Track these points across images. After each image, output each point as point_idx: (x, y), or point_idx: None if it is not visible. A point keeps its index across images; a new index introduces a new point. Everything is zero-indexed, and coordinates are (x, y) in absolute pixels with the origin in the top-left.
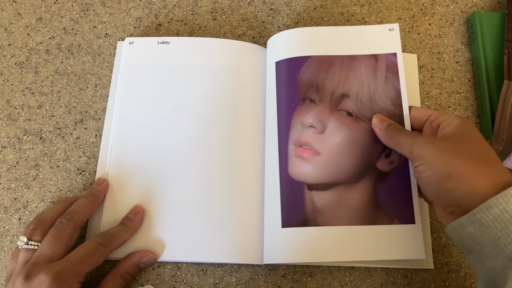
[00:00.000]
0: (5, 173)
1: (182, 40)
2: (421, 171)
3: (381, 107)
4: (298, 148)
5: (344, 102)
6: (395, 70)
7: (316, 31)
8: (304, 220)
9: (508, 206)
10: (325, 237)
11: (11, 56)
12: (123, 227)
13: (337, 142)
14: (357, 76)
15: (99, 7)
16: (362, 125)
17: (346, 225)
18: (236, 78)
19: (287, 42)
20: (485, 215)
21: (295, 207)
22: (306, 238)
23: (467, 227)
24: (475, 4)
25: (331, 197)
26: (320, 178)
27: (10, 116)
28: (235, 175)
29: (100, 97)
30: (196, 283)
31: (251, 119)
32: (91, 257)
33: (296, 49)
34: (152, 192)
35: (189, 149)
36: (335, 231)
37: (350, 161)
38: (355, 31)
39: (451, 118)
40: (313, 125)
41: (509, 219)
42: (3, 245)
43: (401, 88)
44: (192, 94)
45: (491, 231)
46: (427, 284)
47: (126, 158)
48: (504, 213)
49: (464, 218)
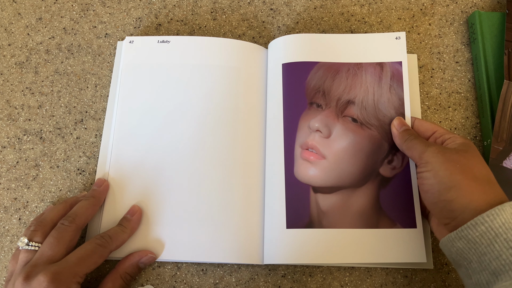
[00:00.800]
0: (5, 173)
1: (182, 39)
2: (425, 177)
3: (385, 115)
4: (305, 151)
5: (349, 108)
6: (399, 79)
7: (324, 38)
8: (309, 222)
9: (493, 224)
10: (329, 239)
11: (11, 56)
12: (121, 227)
13: (342, 147)
14: (362, 84)
15: (99, 7)
16: (366, 131)
17: (350, 228)
18: (236, 77)
19: (295, 45)
20: (471, 231)
21: (301, 209)
22: (311, 239)
23: (456, 242)
24: (475, 4)
25: (335, 200)
26: (325, 181)
27: (10, 116)
28: (235, 175)
29: (100, 97)
30: (196, 283)
31: (251, 119)
32: (89, 258)
33: (305, 53)
34: (153, 191)
35: (189, 148)
36: (339, 234)
37: (354, 166)
38: (362, 38)
39: (456, 137)
40: (319, 130)
41: (494, 236)
42: (3, 245)
43: (405, 97)
44: (192, 94)
45: (478, 247)
46: (427, 284)
47: (126, 158)
48: (490, 231)
49: (453, 233)
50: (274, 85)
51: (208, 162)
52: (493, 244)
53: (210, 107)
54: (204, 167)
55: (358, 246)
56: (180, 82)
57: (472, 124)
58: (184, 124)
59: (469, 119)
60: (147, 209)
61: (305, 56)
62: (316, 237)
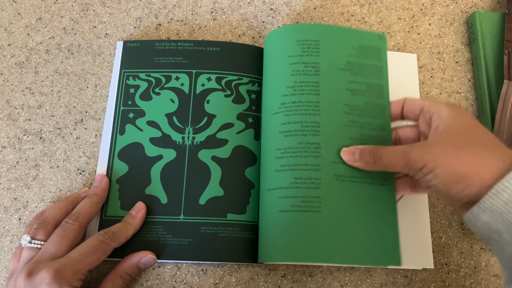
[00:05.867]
0: (5, 173)
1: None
2: (427, 180)
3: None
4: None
5: None
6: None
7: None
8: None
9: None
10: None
11: (11, 56)
12: (125, 224)
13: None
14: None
15: (99, 7)
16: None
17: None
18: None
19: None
20: (494, 201)
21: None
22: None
23: (480, 216)
24: (475, 4)
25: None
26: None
27: (10, 116)
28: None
29: (100, 97)
30: (196, 283)
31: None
32: (92, 254)
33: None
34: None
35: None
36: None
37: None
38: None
39: (441, 110)
40: None
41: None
42: (3, 245)
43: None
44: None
45: (505, 216)
46: (427, 284)
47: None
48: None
49: (475, 208)
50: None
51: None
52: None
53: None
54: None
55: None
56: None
57: None
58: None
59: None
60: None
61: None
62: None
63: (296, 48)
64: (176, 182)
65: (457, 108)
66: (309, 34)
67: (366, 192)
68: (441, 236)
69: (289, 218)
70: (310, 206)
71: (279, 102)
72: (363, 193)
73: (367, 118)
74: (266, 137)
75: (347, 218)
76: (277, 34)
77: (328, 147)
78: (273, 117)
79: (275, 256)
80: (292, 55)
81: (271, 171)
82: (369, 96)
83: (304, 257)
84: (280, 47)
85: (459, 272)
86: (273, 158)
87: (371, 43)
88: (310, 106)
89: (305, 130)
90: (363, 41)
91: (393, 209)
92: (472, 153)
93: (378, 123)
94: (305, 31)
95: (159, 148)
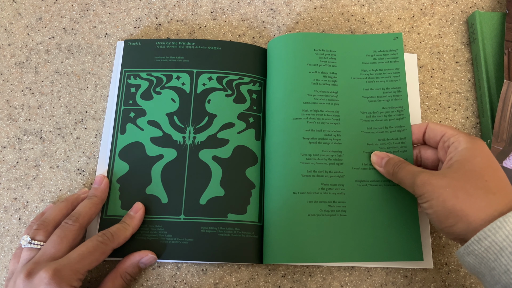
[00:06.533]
0: (5, 173)
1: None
2: (424, 207)
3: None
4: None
5: None
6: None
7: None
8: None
9: (496, 238)
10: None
11: (11, 56)
12: (124, 224)
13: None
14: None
15: (99, 7)
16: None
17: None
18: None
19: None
20: (477, 247)
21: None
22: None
23: (466, 257)
24: (475, 4)
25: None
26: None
27: (10, 116)
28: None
29: (100, 97)
30: (196, 283)
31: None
32: (91, 255)
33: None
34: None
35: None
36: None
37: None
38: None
39: (459, 142)
40: None
41: (499, 250)
42: (3, 245)
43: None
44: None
45: (486, 262)
46: (427, 284)
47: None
48: (494, 245)
49: (462, 249)
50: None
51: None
52: (499, 258)
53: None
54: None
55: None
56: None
57: (472, 124)
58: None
59: (469, 119)
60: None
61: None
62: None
63: (314, 57)
64: (177, 182)
65: (476, 143)
66: (325, 44)
67: (386, 193)
68: (441, 236)
69: (319, 222)
70: (337, 211)
71: (301, 108)
72: (383, 195)
73: (385, 122)
74: (286, 140)
75: (370, 219)
76: (292, 39)
77: (349, 155)
78: (294, 122)
79: (299, 257)
80: (311, 64)
81: (297, 175)
82: (385, 101)
83: (331, 257)
84: (296, 53)
85: (459, 272)
86: (298, 163)
87: (386, 46)
88: (331, 115)
89: (328, 139)
90: (378, 46)
91: (413, 206)
92: (468, 193)
93: (396, 125)
94: (321, 40)
95: (160, 147)
